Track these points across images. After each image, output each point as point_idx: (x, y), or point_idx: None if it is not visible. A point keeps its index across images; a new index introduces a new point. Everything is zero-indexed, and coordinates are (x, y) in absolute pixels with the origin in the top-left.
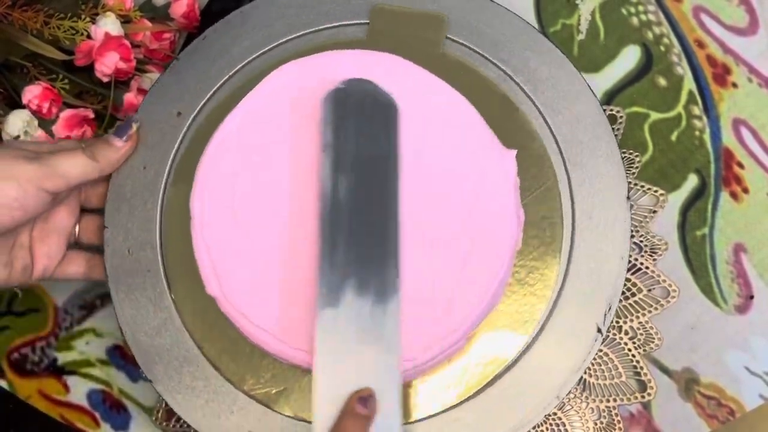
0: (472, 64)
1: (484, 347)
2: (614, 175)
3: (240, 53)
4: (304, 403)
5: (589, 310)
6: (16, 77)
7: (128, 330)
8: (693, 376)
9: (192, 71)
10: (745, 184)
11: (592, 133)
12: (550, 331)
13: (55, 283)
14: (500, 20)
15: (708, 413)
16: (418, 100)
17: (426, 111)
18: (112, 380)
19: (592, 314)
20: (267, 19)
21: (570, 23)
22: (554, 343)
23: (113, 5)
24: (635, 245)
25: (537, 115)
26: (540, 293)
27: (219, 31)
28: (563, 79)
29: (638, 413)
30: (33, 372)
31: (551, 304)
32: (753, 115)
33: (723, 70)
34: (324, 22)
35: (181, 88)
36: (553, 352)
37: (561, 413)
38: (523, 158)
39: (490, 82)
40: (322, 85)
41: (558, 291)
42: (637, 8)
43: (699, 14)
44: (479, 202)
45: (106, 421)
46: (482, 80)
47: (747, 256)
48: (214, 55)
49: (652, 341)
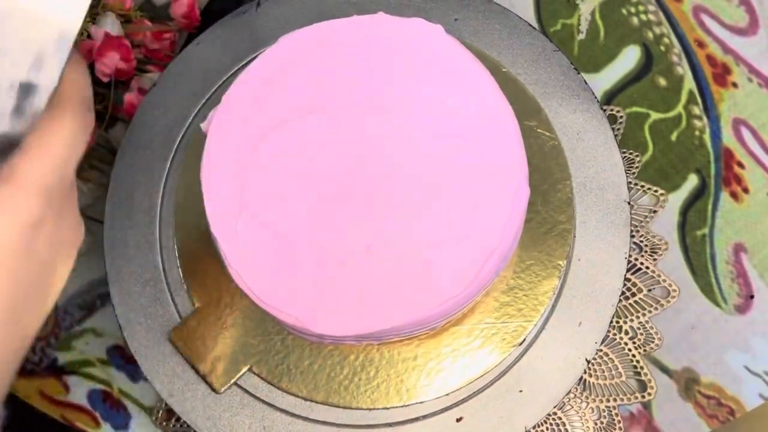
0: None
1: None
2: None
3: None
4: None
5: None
6: None
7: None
8: (693, 375)
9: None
10: (746, 183)
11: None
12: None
13: None
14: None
15: (708, 413)
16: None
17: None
18: (112, 380)
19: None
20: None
21: (570, 23)
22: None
23: (113, 5)
24: (635, 245)
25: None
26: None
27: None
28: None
29: (638, 413)
30: (33, 372)
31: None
32: (753, 115)
33: (723, 70)
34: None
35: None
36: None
37: (561, 413)
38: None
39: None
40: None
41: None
42: (638, 8)
43: (699, 14)
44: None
45: (106, 420)
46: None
47: (747, 256)
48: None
49: (652, 341)
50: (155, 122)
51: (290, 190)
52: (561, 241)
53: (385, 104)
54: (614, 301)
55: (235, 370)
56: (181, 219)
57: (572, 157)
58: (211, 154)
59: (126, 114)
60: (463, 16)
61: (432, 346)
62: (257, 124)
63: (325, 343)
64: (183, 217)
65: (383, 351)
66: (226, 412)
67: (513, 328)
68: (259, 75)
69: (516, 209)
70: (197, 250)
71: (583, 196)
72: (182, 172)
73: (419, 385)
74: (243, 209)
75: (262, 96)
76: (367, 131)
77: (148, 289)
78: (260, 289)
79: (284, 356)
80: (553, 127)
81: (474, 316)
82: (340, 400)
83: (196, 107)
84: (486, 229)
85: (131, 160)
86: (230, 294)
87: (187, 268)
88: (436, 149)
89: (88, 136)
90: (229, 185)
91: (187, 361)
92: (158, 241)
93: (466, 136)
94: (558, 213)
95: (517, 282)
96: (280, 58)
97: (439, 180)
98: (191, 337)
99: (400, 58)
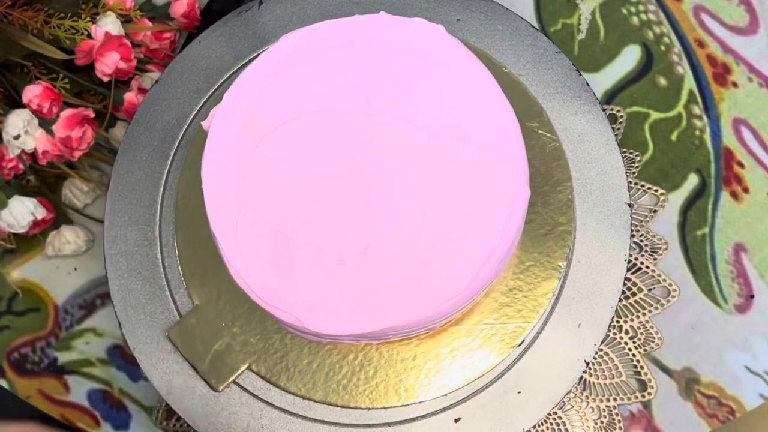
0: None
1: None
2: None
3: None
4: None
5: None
6: (16, 77)
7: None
8: (693, 375)
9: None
10: (746, 183)
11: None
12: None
13: (55, 283)
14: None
15: (708, 413)
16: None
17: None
18: (112, 380)
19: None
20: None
21: (570, 23)
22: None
23: (113, 5)
24: (635, 245)
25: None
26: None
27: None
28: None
29: (638, 413)
30: (33, 372)
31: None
32: (753, 114)
33: (723, 70)
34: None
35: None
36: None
37: (561, 412)
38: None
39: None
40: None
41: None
42: (638, 8)
43: (699, 14)
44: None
45: (106, 420)
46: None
47: (747, 255)
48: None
49: (653, 341)
50: (157, 119)
51: (291, 188)
52: (561, 242)
53: (386, 104)
54: (613, 303)
55: (233, 369)
56: (181, 217)
57: (573, 158)
58: (211, 152)
59: (126, 114)
60: (465, 17)
61: (431, 346)
62: (258, 123)
63: (323, 342)
64: (183, 215)
65: (382, 350)
66: (225, 410)
67: (512, 329)
68: (260, 73)
69: (516, 210)
70: (197, 248)
71: (584, 198)
72: (183, 170)
73: (418, 385)
74: (243, 208)
75: (263, 95)
76: (368, 130)
77: (147, 286)
78: (259, 287)
79: (283, 355)
80: (555, 128)
81: (473, 316)
82: (339, 399)
83: (198, 105)
84: (486, 230)
85: (132, 158)
86: (229, 292)
87: (186, 265)
88: (437, 149)
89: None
90: (230, 184)
91: (186, 359)
92: (158, 238)
93: (467, 137)
94: (558, 214)
95: (516, 283)
96: (282, 56)
97: (440, 180)
98: (190, 335)
99: (402, 58)
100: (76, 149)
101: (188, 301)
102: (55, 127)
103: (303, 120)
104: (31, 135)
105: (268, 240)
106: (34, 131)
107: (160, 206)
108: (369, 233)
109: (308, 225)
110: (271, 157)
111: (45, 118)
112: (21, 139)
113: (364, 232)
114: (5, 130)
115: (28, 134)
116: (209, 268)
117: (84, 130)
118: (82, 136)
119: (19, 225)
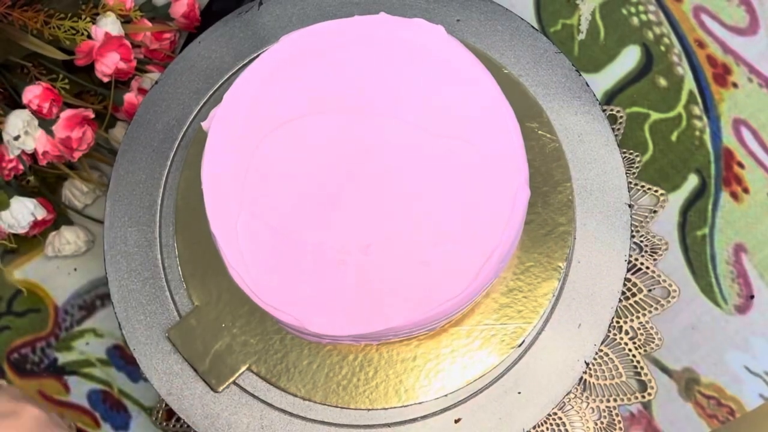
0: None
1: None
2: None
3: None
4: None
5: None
6: (16, 77)
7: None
8: (693, 375)
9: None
10: (746, 184)
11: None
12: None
13: (55, 283)
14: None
15: (708, 413)
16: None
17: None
18: (112, 380)
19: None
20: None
21: (570, 23)
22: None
23: (113, 5)
24: (635, 245)
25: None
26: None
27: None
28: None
29: (638, 413)
30: (33, 372)
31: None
32: (753, 115)
33: (723, 70)
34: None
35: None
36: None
37: (561, 413)
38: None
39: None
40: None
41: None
42: (638, 8)
43: (699, 14)
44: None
45: (106, 421)
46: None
47: (747, 256)
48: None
49: (653, 341)
50: (157, 120)
51: (291, 189)
52: (561, 243)
53: (386, 104)
54: (613, 304)
55: (233, 369)
56: (181, 217)
57: (573, 159)
58: (211, 152)
59: (126, 114)
60: (465, 17)
61: (431, 347)
62: (258, 123)
63: (323, 342)
64: (183, 215)
65: (382, 351)
66: (225, 410)
67: (512, 329)
68: (260, 74)
69: (516, 211)
70: (197, 249)
71: (584, 199)
72: (183, 171)
73: (418, 385)
74: (243, 208)
75: (263, 95)
76: (368, 131)
77: (147, 287)
78: (259, 288)
79: (283, 356)
80: (555, 128)
81: (473, 317)
82: (339, 400)
83: (198, 106)
84: (486, 230)
85: (132, 158)
86: (229, 293)
87: (186, 266)
88: (437, 150)
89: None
90: (230, 184)
91: (186, 360)
92: (158, 239)
93: (467, 137)
94: (558, 215)
95: (516, 284)
96: (282, 57)
97: (440, 181)
98: (190, 336)
99: (402, 58)
100: (76, 150)
101: (188, 302)
102: (55, 128)
103: (303, 120)
104: (31, 135)
105: (268, 240)
106: (34, 132)
107: (160, 207)
108: (369, 233)
109: (308, 225)
110: (271, 158)
111: (45, 119)
112: (21, 139)
113: (365, 233)
114: (5, 130)
115: (28, 135)
116: (209, 269)
117: (84, 130)
118: (82, 137)
119: (19, 225)
